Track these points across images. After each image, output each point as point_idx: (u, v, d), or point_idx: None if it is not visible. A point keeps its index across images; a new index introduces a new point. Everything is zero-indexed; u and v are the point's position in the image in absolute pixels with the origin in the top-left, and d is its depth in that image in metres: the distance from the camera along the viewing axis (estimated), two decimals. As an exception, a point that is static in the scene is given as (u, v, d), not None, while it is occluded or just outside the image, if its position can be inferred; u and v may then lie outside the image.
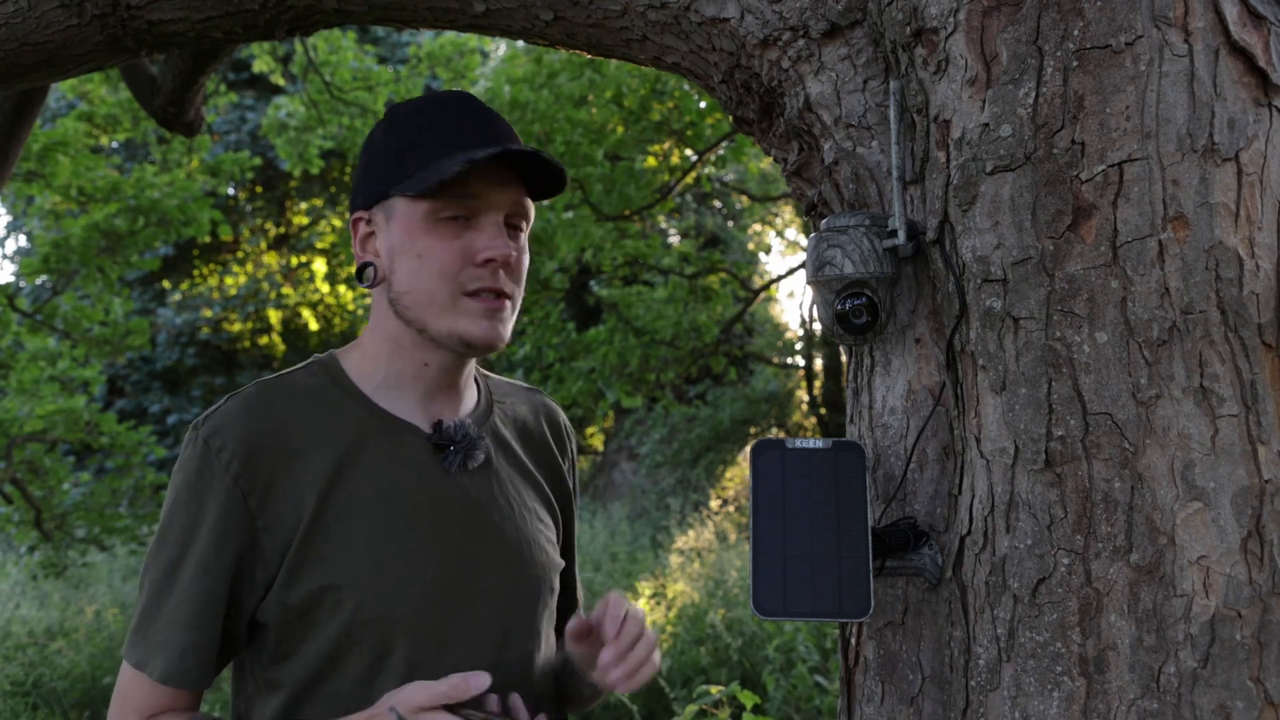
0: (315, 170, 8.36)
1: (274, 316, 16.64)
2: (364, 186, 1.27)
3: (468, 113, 1.27)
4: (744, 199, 13.01)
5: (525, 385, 1.50)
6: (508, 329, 1.27)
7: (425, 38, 10.89)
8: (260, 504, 1.17)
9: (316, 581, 1.17)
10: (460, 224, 1.23)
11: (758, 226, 14.62)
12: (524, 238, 1.31)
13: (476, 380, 1.40)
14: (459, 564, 1.23)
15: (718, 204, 15.04)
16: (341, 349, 1.32)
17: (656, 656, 1.26)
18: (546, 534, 1.35)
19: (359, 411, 1.25)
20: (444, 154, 1.22)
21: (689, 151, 7.92)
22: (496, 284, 1.23)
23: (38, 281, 10.04)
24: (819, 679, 5.51)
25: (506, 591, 1.26)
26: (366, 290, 1.31)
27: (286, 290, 16.74)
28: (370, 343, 1.28)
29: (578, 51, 1.44)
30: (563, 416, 1.51)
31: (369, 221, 1.28)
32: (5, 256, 16.77)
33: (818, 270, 1.14)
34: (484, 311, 1.23)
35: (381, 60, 13.24)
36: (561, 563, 1.38)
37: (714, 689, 3.30)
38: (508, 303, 1.26)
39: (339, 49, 7.80)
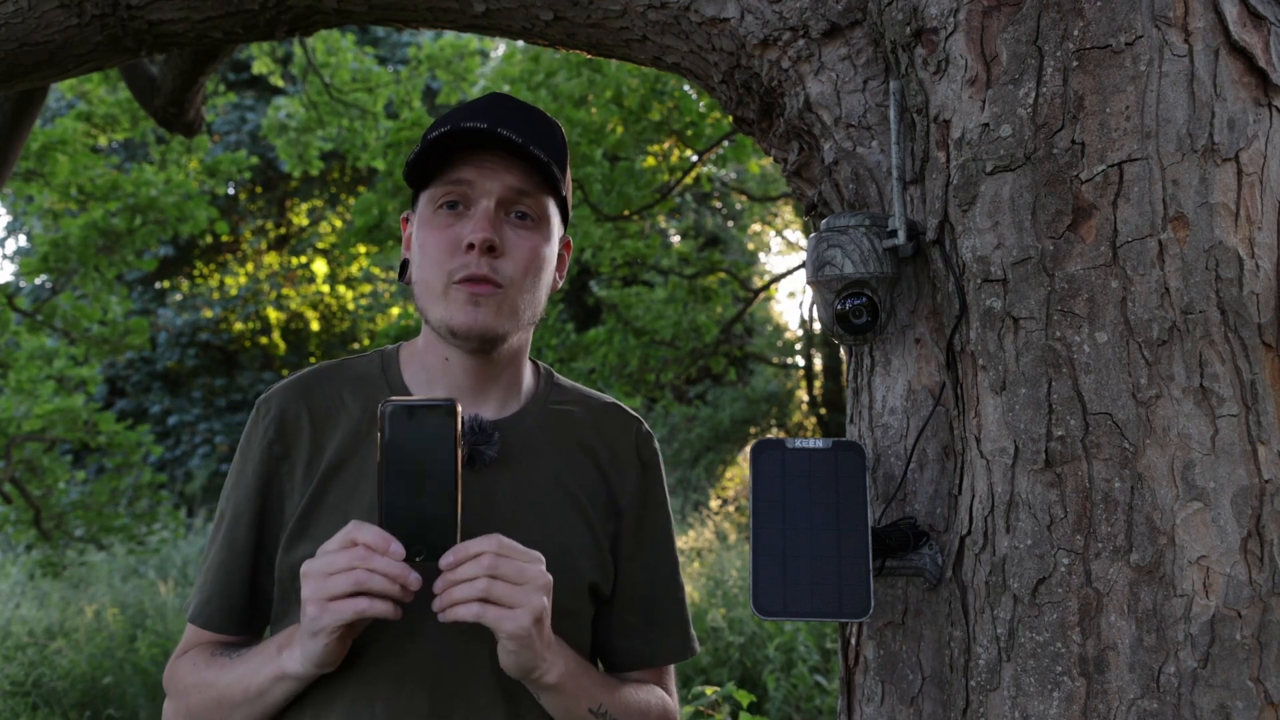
0: (315, 172, 8.37)
1: (274, 317, 16.63)
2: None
3: (483, 101, 1.27)
4: (744, 199, 13.00)
5: (609, 401, 1.41)
6: (497, 317, 1.23)
7: (425, 39, 10.88)
8: (289, 470, 1.28)
9: (307, 549, 1.20)
10: (455, 213, 1.25)
11: (758, 226, 14.62)
12: (538, 226, 1.27)
13: (537, 383, 1.38)
14: None
15: (718, 204, 15.04)
16: (410, 340, 1.37)
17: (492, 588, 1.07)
18: (570, 546, 1.28)
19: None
20: (433, 134, 1.22)
21: (689, 151, 7.91)
22: (480, 270, 1.21)
23: (37, 281, 10.04)
24: (819, 679, 5.51)
25: None
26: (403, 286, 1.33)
27: (287, 291, 16.74)
28: (420, 335, 1.34)
29: (577, 51, 1.44)
30: (637, 441, 1.39)
31: (409, 221, 1.33)
32: (5, 256, 16.78)
33: (818, 270, 1.14)
34: (467, 298, 1.22)
35: (381, 61, 13.25)
36: (588, 577, 1.29)
37: (709, 689, 3.30)
38: (497, 290, 1.23)
39: (338, 50, 7.80)
